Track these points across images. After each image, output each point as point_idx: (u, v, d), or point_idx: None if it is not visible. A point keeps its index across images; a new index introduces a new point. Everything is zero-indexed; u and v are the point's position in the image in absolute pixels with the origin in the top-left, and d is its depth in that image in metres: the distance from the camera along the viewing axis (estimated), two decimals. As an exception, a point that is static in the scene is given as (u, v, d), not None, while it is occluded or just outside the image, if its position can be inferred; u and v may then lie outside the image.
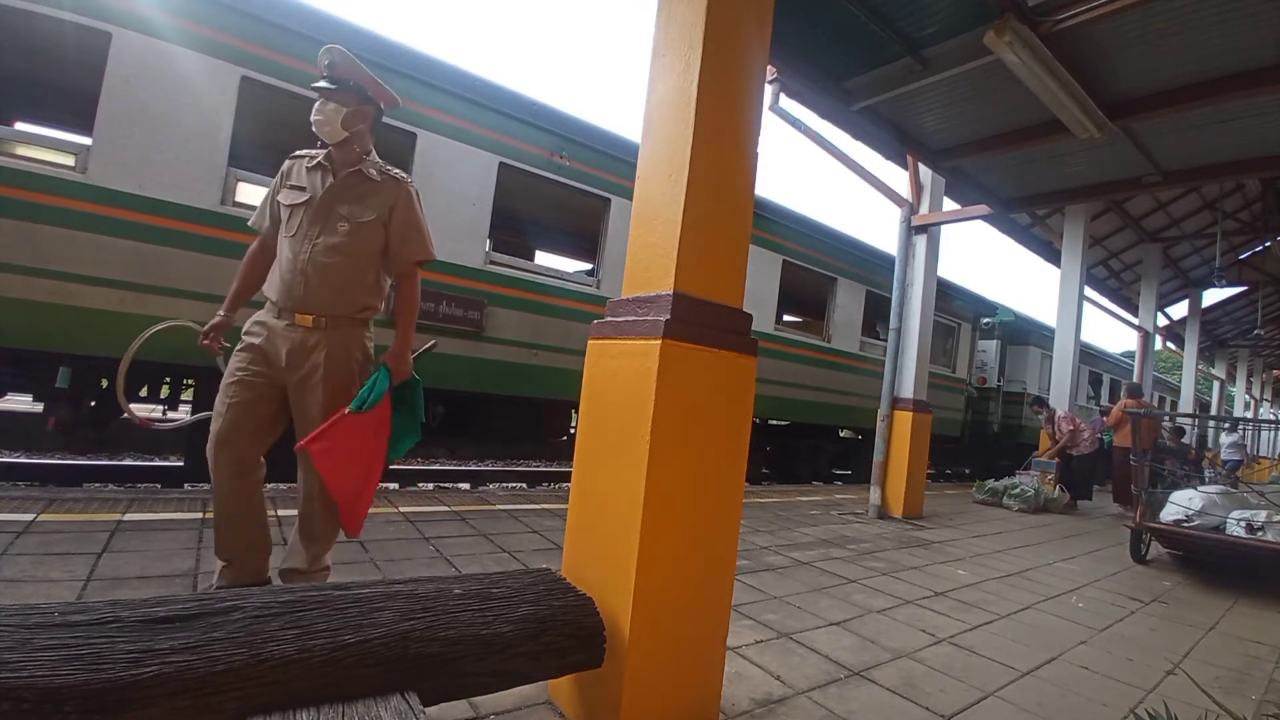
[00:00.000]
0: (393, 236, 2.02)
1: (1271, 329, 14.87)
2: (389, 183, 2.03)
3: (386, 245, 2.03)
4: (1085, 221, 8.24)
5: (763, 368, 2.48)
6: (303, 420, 1.94)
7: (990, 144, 4.86)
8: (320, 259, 1.91)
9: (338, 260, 1.92)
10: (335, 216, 1.94)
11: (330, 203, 1.94)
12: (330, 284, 1.92)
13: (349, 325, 1.99)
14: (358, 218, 1.95)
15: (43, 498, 3.08)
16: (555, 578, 1.55)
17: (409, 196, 2.05)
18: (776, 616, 2.58)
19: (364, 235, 1.96)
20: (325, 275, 1.91)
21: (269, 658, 1.05)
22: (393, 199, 2.01)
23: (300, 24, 3.99)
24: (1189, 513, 4.39)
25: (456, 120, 4.66)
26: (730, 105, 1.70)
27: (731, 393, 1.69)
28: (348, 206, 1.95)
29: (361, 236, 1.95)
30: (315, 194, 1.94)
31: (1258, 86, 3.69)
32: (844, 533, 4.56)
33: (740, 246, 1.77)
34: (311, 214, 1.93)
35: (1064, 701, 2.07)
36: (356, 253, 1.95)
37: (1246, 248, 10.78)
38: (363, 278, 1.99)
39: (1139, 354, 11.69)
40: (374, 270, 2.02)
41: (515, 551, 3.06)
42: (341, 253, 1.93)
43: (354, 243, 1.94)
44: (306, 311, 1.91)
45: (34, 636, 0.95)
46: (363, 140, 2.02)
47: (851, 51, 4.03)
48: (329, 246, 1.92)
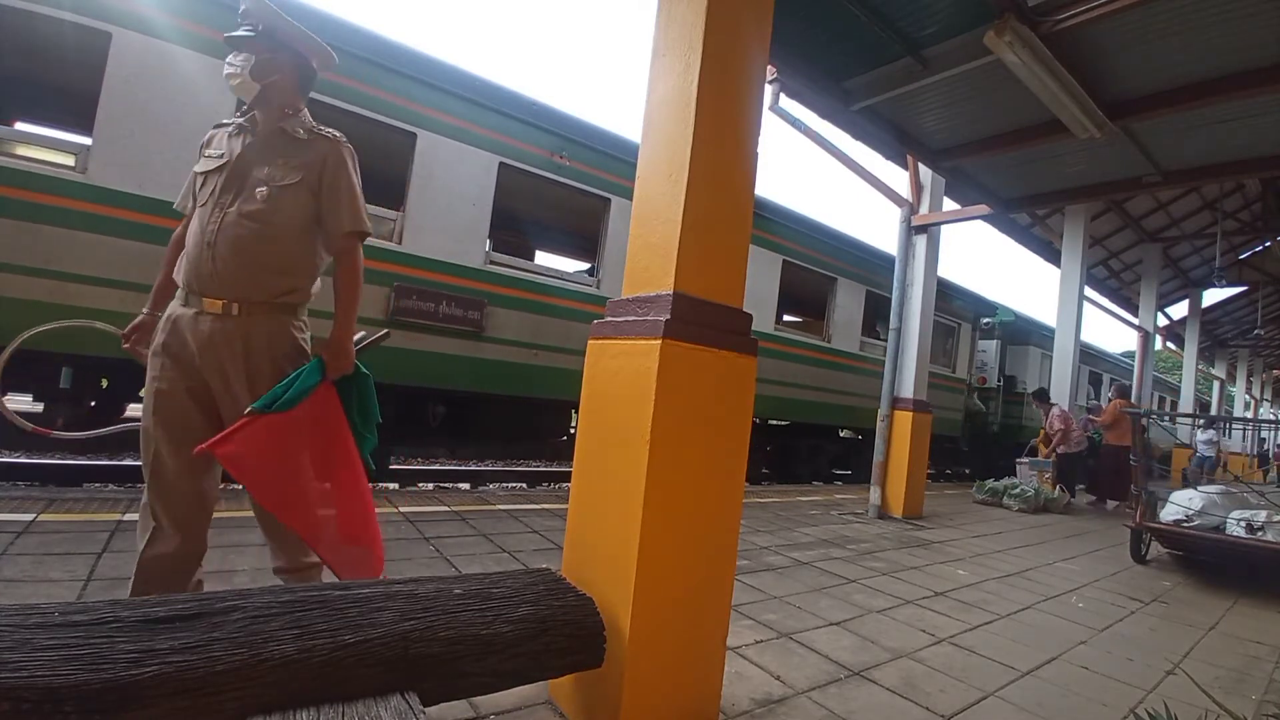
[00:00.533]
0: (323, 204, 1.71)
1: (1271, 329, 14.88)
2: (318, 141, 1.74)
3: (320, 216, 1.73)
4: (1085, 221, 8.24)
5: (763, 368, 2.48)
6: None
7: (990, 144, 4.86)
8: (231, 230, 1.59)
9: (254, 231, 1.60)
10: (252, 181, 1.64)
11: (247, 164, 1.65)
12: (244, 260, 1.59)
13: (270, 312, 1.66)
14: (279, 180, 1.65)
15: (43, 498, 3.08)
16: (555, 578, 1.55)
17: (340, 157, 1.74)
18: (776, 616, 2.58)
19: (287, 202, 1.65)
20: (238, 249, 1.59)
21: (269, 658, 1.05)
22: (321, 159, 1.71)
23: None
24: (1189, 513, 4.39)
25: (456, 120, 4.66)
26: (730, 105, 1.70)
27: (731, 393, 1.70)
28: (268, 169, 1.65)
29: (284, 203, 1.65)
30: (231, 157, 1.66)
31: (1258, 86, 3.69)
32: (844, 533, 4.56)
33: (740, 246, 1.77)
34: (224, 179, 1.64)
35: (1064, 701, 2.07)
36: (278, 223, 1.63)
37: (1246, 248, 10.79)
38: (286, 253, 1.67)
39: (1139, 354, 11.70)
40: (302, 245, 1.70)
41: (515, 551, 3.06)
42: (259, 221, 1.61)
43: (275, 211, 1.63)
44: (216, 295, 1.59)
45: (34, 636, 0.95)
46: (284, 95, 1.73)
47: (851, 51, 4.03)
48: (243, 214, 1.60)
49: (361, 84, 4.21)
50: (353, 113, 4.21)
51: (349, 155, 1.77)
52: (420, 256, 4.55)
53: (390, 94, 4.34)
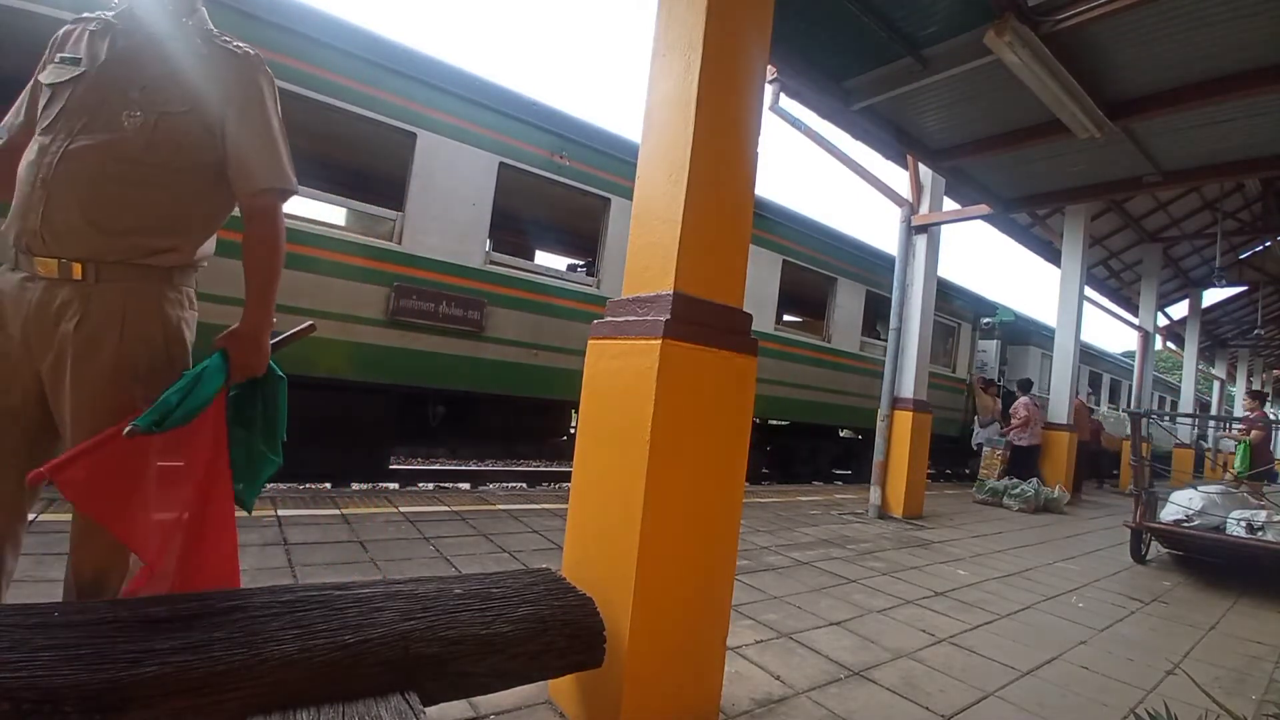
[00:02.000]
0: (228, 149, 1.28)
1: (1271, 329, 14.88)
2: (224, 57, 1.28)
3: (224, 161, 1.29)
4: (1085, 221, 8.24)
5: (763, 368, 2.48)
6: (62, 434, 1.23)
7: (990, 144, 4.86)
8: (80, 165, 1.15)
9: (116, 170, 1.17)
10: (120, 101, 1.19)
11: (113, 77, 1.20)
12: (94, 204, 1.16)
13: (130, 276, 1.20)
14: (161, 105, 1.21)
15: (43, 497, 3.08)
16: (555, 578, 1.55)
17: (255, 84, 1.30)
18: (777, 616, 2.58)
19: (169, 137, 1.21)
20: (85, 190, 1.15)
21: (269, 658, 1.05)
22: (227, 84, 1.27)
23: (304, 24, 3.98)
24: (1189, 513, 4.39)
25: (456, 120, 4.66)
26: (730, 105, 1.70)
27: (731, 393, 1.70)
28: (144, 87, 1.20)
29: (163, 138, 1.21)
30: (92, 66, 1.20)
31: (1258, 86, 3.69)
32: (844, 533, 4.56)
33: (740, 246, 1.77)
34: (80, 94, 1.18)
35: (1064, 701, 2.07)
36: (152, 163, 1.21)
37: (1246, 248, 10.78)
38: (158, 203, 1.23)
39: (1139, 354, 11.70)
40: (189, 191, 1.27)
41: (515, 551, 3.06)
42: (122, 159, 1.18)
43: (150, 146, 1.20)
44: (49, 254, 1.15)
45: (34, 636, 0.95)
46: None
47: (851, 51, 4.03)
48: (100, 146, 1.16)
49: (361, 84, 4.21)
50: (353, 113, 4.21)
51: (267, 82, 1.33)
52: (420, 256, 4.55)
53: (390, 94, 4.34)
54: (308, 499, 3.65)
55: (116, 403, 1.18)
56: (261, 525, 2.97)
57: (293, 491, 3.95)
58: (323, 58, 4.05)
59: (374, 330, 4.38)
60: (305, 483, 4.96)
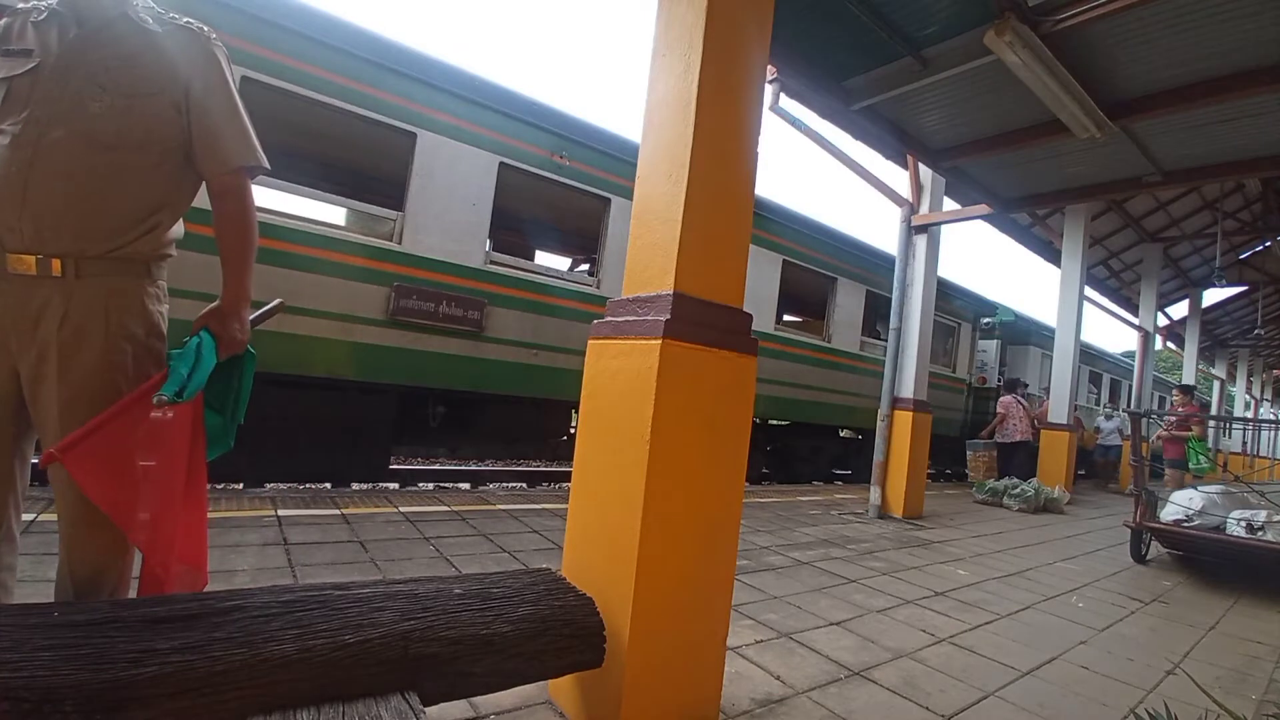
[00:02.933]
0: (194, 128, 1.28)
1: (1271, 329, 14.88)
2: (179, 34, 1.28)
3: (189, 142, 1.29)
4: (1085, 221, 8.24)
5: (763, 368, 2.48)
6: (42, 431, 1.23)
7: (990, 144, 4.87)
8: (53, 157, 1.15)
9: (86, 157, 1.17)
10: (86, 88, 1.18)
11: (72, 65, 1.19)
12: (76, 197, 1.17)
13: (112, 273, 1.22)
14: (128, 88, 1.21)
15: (43, 498, 3.08)
16: (555, 578, 1.55)
17: (215, 60, 1.31)
18: (777, 616, 2.58)
19: (140, 118, 1.22)
20: (65, 183, 1.16)
21: (269, 658, 1.05)
22: (187, 63, 1.27)
23: (305, 25, 3.98)
24: (1189, 512, 4.39)
25: (456, 120, 4.66)
26: (730, 105, 1.70)
27: (731, 393, 1.69)
28: (107, 73, 1.20)
29: (136, 120, 1.21)
30: (48, 56, 1.19)
31: (1257, 86, 3.69)
32: (844, 533, 4.56)
33: (740, 246, 1.77)
34: (42, 86, 1.17)
35: (1064, 701, 2.07)
36: (126, 146, 1.21)
37: (1246, 248, 10.79)
38: (135, 188, 1.23)
39: (1139, 354, 11.69)
40: (161, 175, 1.27)
41: (515, 551, 3.06)
42: (96, 144, 1.18)
43: (125, 131, 1.20)
44: (28, 250, 1.15)
45: (34, 636, 0.95)
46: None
47: (851, 51, 4.03)
48: (72, 136, 1.16)
49: (361, 84, 4.21)
50: (353, 113, 4.21)
51: (224, 57, 1.32)
52: (420, 256, 4.55)
53: (390, 94, 4.34)
54: (308, 499, 3.65)
55: (111, 390, 1.21)
56: (261, 525, 2.97)
57: (293, 491, 3.94)
58: (323, 58, 4.05)
59: (374, 330, 4.38)
60: (305, 483, 4.96)
